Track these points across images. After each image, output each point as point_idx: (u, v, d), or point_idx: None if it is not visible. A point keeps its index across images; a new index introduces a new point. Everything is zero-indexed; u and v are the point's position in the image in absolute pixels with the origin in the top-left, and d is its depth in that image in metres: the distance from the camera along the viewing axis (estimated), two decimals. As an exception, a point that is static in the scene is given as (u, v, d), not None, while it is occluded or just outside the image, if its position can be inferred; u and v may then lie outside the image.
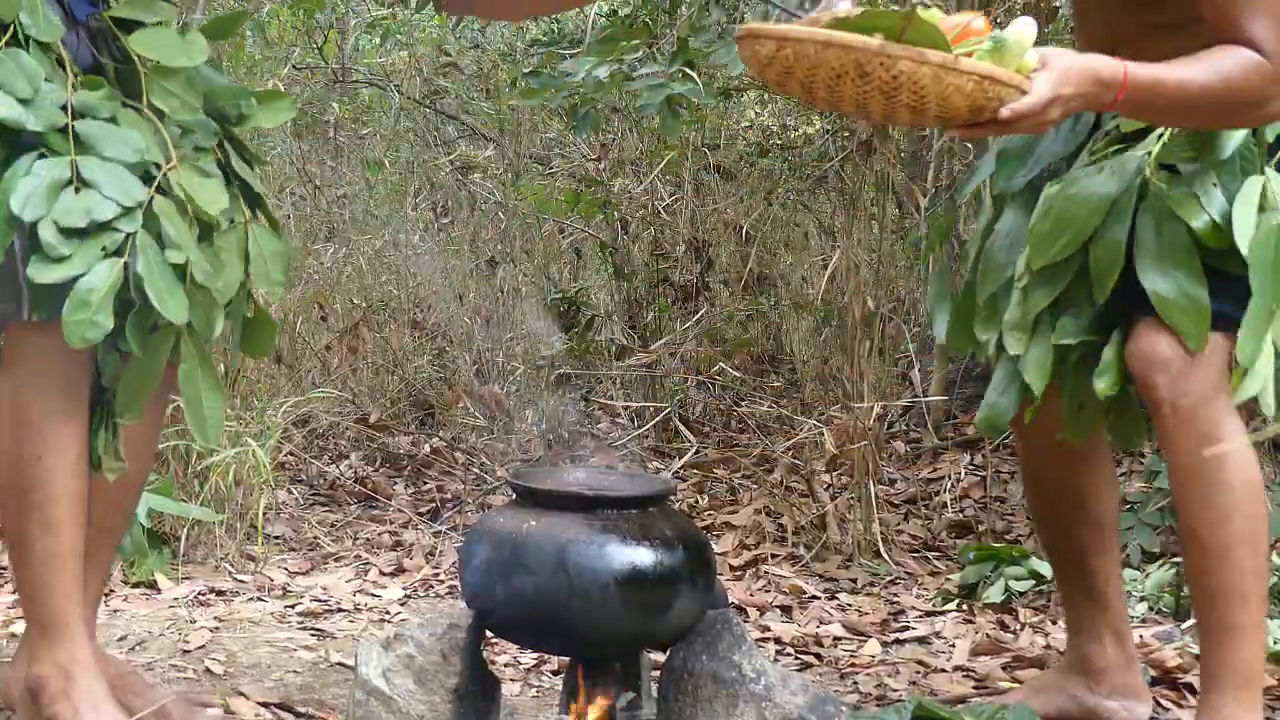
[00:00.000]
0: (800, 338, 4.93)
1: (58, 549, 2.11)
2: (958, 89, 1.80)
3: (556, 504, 2.10)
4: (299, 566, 3.55)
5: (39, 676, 2.14)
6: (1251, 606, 2.13)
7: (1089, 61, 1.93)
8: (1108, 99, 1.95)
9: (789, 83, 1.87)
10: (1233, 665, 2.13)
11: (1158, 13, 2.14)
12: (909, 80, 1.80)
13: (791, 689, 2.14)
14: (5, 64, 1.97)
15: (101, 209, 1.95)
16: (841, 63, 1.80)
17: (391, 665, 2.10)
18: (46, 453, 2.09)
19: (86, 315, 1.93)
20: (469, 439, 4.61)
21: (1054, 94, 1.87)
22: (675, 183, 4.96)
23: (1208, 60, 2.01)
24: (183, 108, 2.10)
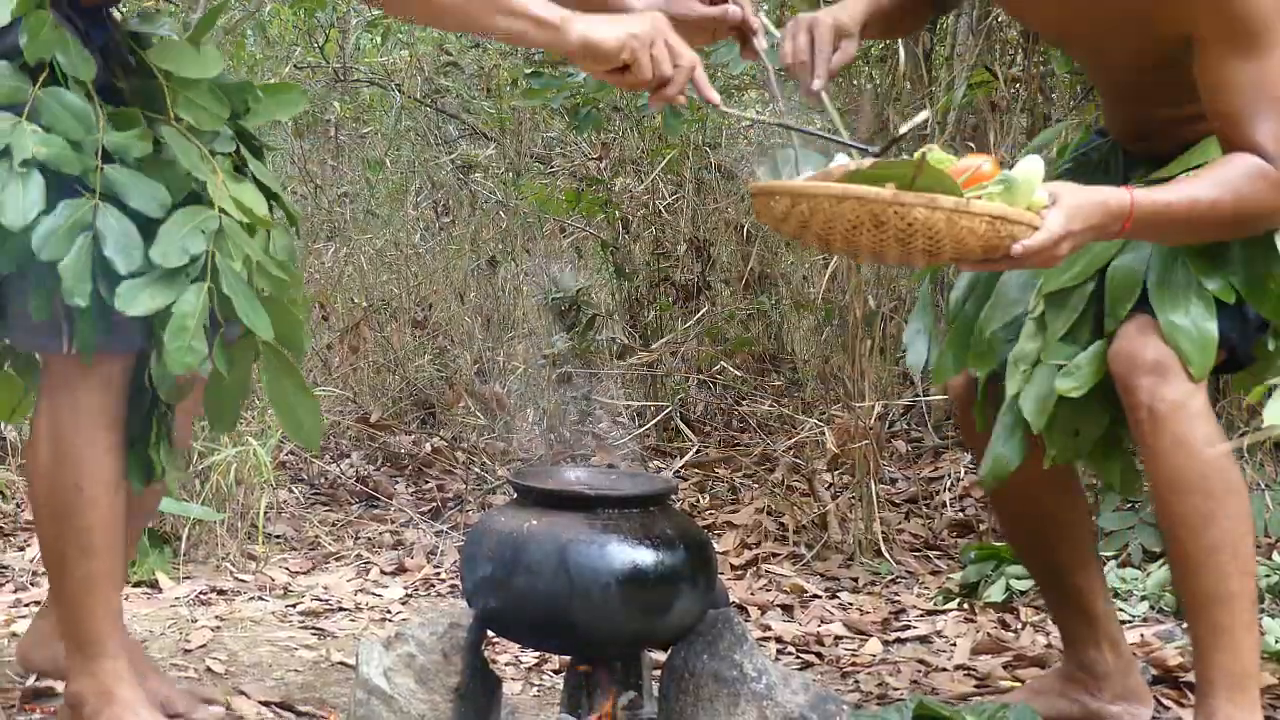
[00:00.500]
0: (801, 337, 4.92)
1: (95, 572, 2.17)
2: (971, 231, 1.84)
3: (557, 503, 2.10)
4: (300, 566, 3.55)
5: (77, 693, 2.21)
6: (1239, 608, 2.13)
7: (1096, 195, 1.96)
8: (1115, 229, 1.98)
9: (805, 235, 1.91)
10: (1225, 667, 2.13)
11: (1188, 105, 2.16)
12: (924, 226, 1.83)
13: (793, 688, 2.14)
14: (49, 105, 2.00)
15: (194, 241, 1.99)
16: (857, 214, 1.84)
17: (392, 664, 2.10)
18: (83, 480, 2.13)
19: (185, 341, 1.97)
20: (470, 438, 4.61)
21: (1065, 230, 1.90)
22: (676, 182, 4.96)
23: (1214, 174, 2.03)
24: (210, 119, 2.13)
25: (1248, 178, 2.02)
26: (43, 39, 2.01)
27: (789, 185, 1.91)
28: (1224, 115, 2.06)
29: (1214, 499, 2.10)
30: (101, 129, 2.02)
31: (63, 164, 1.98)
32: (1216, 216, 2.02)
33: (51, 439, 2.14)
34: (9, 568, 3.41)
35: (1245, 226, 2.08)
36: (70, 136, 1.99)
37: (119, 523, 2.19)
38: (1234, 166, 2.03)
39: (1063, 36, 2.39)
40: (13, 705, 2.49)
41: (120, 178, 2.02)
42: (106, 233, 1.98)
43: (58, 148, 1.98)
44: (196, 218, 2.02)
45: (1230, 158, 2.04)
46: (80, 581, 2.17)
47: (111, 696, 2.19)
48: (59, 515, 2.16)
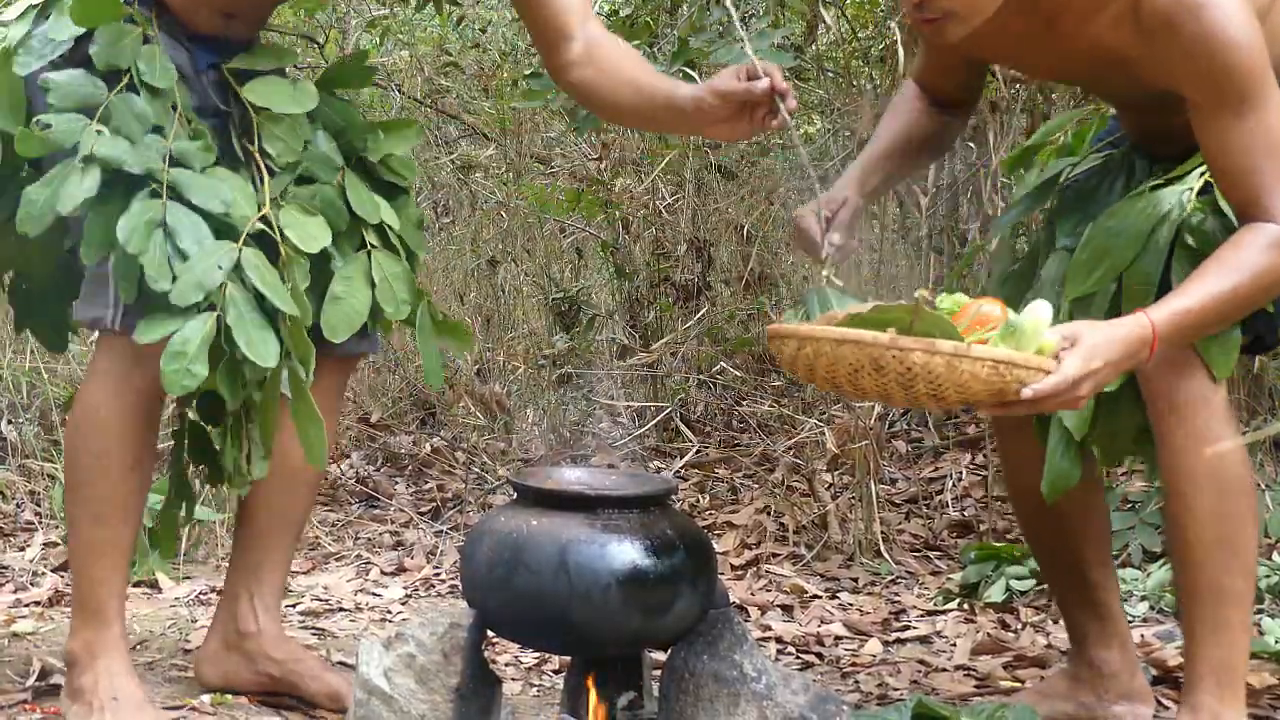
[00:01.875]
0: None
1: (103, 541, 2.32)
2: (973, 375, 1.84)
3: (558, 504, 2.10)
4: (300, 566, 3.55)
5: (71, 651, 2.35)
6: (1236, 606, 2.14)
7: (1116, 330, 1.95)
8: (1143, 356, 1.97)
9: (815, 377, 1.93)
10: (1215, 662, 2.14)
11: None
12: (923, 370, 1.84)
13: (793, 688, 2.14)
14: (119, 109, 2.17)
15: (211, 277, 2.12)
16: (857, 358, 1.86)
17: (393, 664, 2.10)
18: (109, 452, 2.28)
19: (182, 365, 2.10)
20: (470, 438, 4.61)
21: (1081, 372, 1.89)
22: (676, 182, 4.96)
23: (1226, 259, 2.01)
24: (287, 150, 2.32)
25: (1259, 251, 2.00)
26: (118, 48, 2.19)
27: (795, 329, 1.94)
28: (1225, 174, 2.04)
29: (1225, 496, 2.11)
30: (172, 136, 2.19)
31: (123, 163, 2.14)
32: (1242, 300, 2.01)
33: (89, 408, 2.29)
34: (9, 568, 3.41)
35: (1273, 294, 2.06)
36: (133, 138, 2.16)
37: (134, 499, 2.32)
38: (1243, 245, 2.01)
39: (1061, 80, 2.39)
40: (13, 705, 2.50)
41: (183, 178, 2.18)
42: (179, 228, 2.13)
43: (121, 149, 2.14)
44: (216, 254, 2.14)
45: (1237, 237, 2.02)
46: (88, 546, 2.32)
47: (97, 659, 2.31)
48: (79, 481, 2.31)
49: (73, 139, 2.13)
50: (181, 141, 2.20)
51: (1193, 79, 2.03)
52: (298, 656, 2.53)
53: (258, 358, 2.13)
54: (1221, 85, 2.01)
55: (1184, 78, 2.03)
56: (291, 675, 2.50)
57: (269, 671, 2.51)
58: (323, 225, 2.29)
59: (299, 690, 2.50)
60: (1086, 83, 2.26)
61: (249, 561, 2.54)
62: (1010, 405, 1.90)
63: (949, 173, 4.56)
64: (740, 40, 2.27)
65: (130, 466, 2.29)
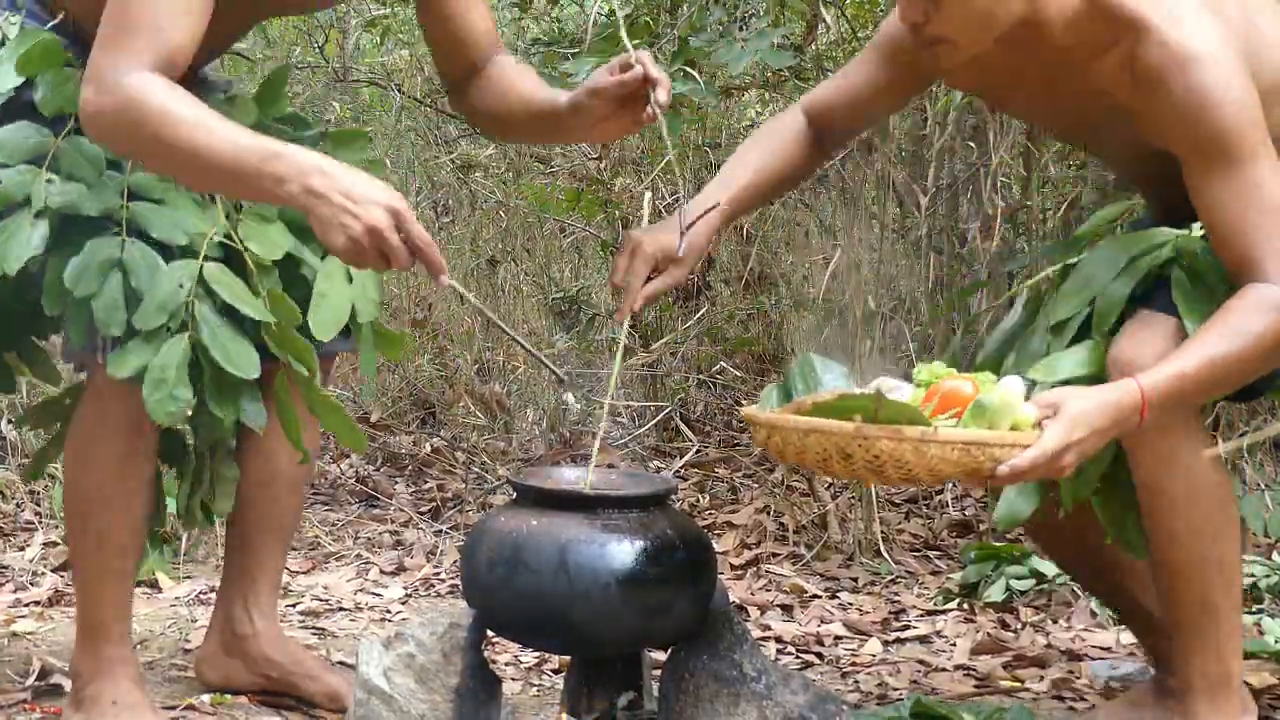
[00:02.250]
0: (801, 337, 4.92)
1: (109, 567, 2.33)
2: (943, 459, 1.83)
3: (557, 503, 2.10)
4: (300, 565, 3.55)
5: (78, 669, 2.37)
6: (1223, 618, 2.13)
7: (1101, 397, 1.91)
8: (1132, 423, 1.93)
9: (798, 461, 1.93)
10: (1207, 671, 2.14)
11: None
12: (891, 457, 1.84)
13: (792, 688, 2.14)
14: (69, 154, 2.16)
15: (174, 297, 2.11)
16: (824, 447, 1.86)
17: (392, 664, 2.10)
18: (108, 483, 2.28)
19: (165, 392, 2.10)
20: (470, 438, 4.61)
21: (1062, 443, 1.86)
22: (676, 182, 4.96)
23: (1224, 323, 1.97)
24: None
25: (1258, 314, 1.96)
26: (63, 91, 2.17)
27: (764, 417, 1.94)
28: (1217, 232, 2.02)
29: (1203, 514, 2.09)
30: (128, 169, 2.16)
31: (80, 208, 2.12)
32: (1240, 365, 1.96)
33: (84, 441, 2.29)
34: (9, 568, 3.41)
35: (1272, 361, 2.02)
36: (87, 181, 2.14)
37: (138, 524, 2.33)
38: (1241, 308, 1.97)
39: (1066, 136, 2.36)
40: (13, 705, 2.50)
41: (143, 211, 2.16)
42: (133, 265, 2.12)
43: (74, 195, 2.13)
44: (177, 274, 2.13)
45: (1234, 300, 1.98)
46: (94, 573, 2.33)
47: (101, 673, 2.33)
48: (84, 513, 2.31)
49: (24, 191, 2.10)
50: (138, 174, 2.17)
51: (1182, 136, 2.02)
52: (296, 657, 2.53)
53: (238, 370, 2.13)
54: (1210, 143, 1.99)
55: (1174, 135, 2.03)
56: (290, 676, 2.51)
57: (267, 673, 2.52)
58: (283, 231, 2.27)
59: (298, 690, 2.51)
60: (1088, 137, 2.23)
61: (242, 564, 2.54)
62: (990, 481, 1.88)
63: (949, 172, 4.56)
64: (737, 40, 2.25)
65: (132, 494, 2.30)
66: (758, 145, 2.40)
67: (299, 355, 2.20)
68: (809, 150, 2.41)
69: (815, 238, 5.32)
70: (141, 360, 2.09)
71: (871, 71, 2.36)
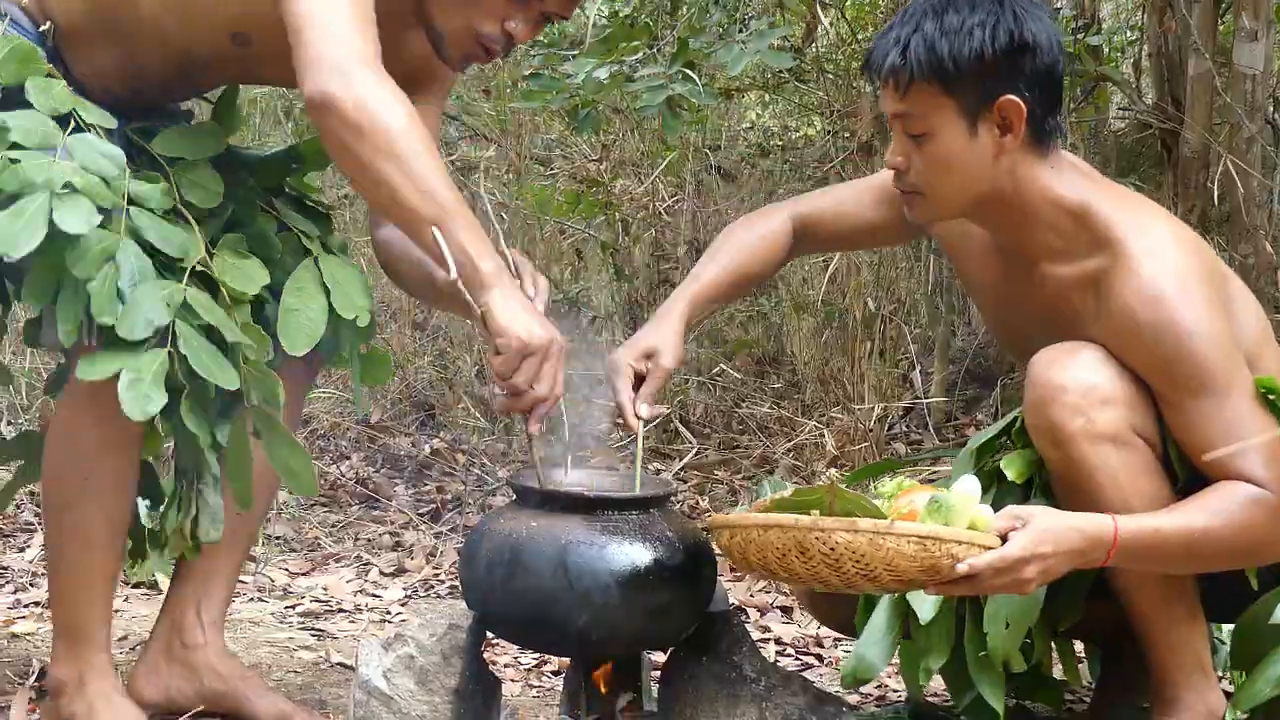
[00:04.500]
0: (801, 339, 4.93)
1: (90, 566, 2.24)
2: (899, 552, 1.83)
3: (557, 505, 2.10)
4: (300, 567, 3.56)
5: (57, 679, 2.27)
6: (1187, 620, 2.13)
7: (1073, 519, 1.91)
8: (1098, 556, 1.92)
9: (760, 565, 1.92)
10: (1181, 666, 2.14)
11: None
12: (847, 550, 1.83)
13: (792, 689, 2.14)
14: (80, 148, 2.10)
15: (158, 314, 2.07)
16: (783, 542, 1.86)
17: (392, 665, 2.10)
18: (93, 476, 2.21)
19: (140, 390, 2.03)
20: (470, 440, 4.61)
21: (1027, 553, 1.86)
22: (676, 183, 4.97)
23: (1207, 501, 1.97)
24: (209, 196, 2.26)
25: (1242, 505, 1.96)
26: (54, 95, 2.13)
27: (725, 519, 1.95)
28: (1195, 449, 2.01)
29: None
30: (127, 178, 2.13)
31: (97, 196, 2.07)
32: (1213, 545, 1.96)
33: (68, 432, 2.22)
34: (9, 568, 3.41)
35: (1243, 557, 2.02)
36: (104, 174, 2.09)
37: (121, 522, 2.25)
38: (1227, 494, 1.97)
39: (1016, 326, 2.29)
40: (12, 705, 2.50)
41: (143, 219, 2.12)
42: (125, 266, 2.07)
43: (94, 181, 2.07)
44: (162, 291, 2.09)
45: (1221, 485, 1.99)
46: (76, 573, 2.24)
47: (87, 685, 2.25)
48: (64, 506, 2.23)
49: (43, 174, 2.04)
50: (137, 183, 2.15)
51: (1150, 366, 2.02)
52: (243, 674, 2.44)
53: (219, 380, 2.08)
54: (1177, 373, 2.00)
55: (1141, 364, 2.03)
56: (237, 692, 2.40)
57: (214, 686, 2.41)
58: (259, 267, 2.24)
59: (242, 709, 2.40)
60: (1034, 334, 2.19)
61: (199, 570, 2.44)
62: (951, 585, 1.87)
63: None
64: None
65: (118, 488, 2.23)
66: (737, 242, 2.39)
67: (267, 390, 2.15)
68: (784, 256, 2.43)
69: (815, 239, 5.33)
70: (114, 366, 2.04)
71: (865, 208, 2.38)
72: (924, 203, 2.10)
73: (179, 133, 2.31)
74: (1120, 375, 2.03)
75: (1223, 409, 2.00)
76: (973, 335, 4.76)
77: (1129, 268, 2.03)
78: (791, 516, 1.86)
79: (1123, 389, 2.03)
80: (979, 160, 2.05)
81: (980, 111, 2.03)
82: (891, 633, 2.18)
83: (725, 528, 1.94)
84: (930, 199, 2.09)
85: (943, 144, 2.04)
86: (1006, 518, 1.90)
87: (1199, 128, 4.12)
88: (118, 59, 2.26)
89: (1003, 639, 2.12)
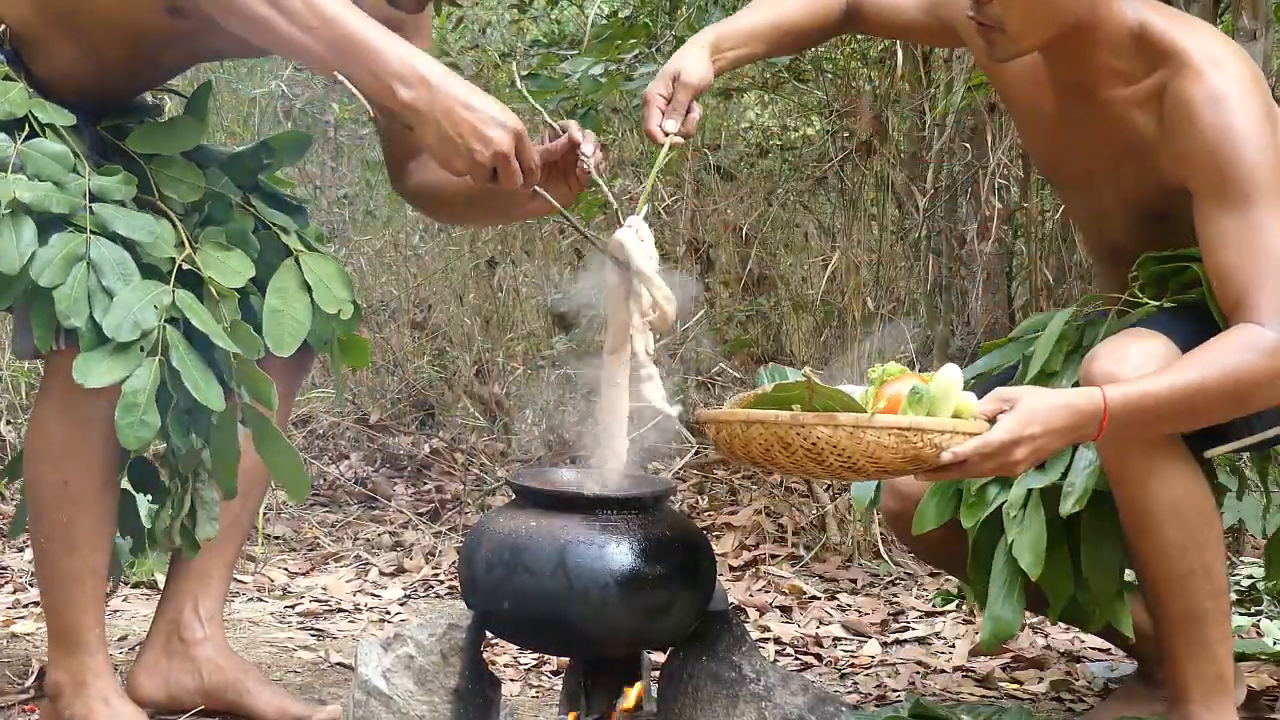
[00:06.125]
0: (800, 338, 4.93)
1: (79, 568, 2.23)
2: (880, 445, 1.82)
3: (557, 505, 2.10)
4: (299, 567, 3.56)
5: (55, 682, 2.27)
6: (1213, 624, 2.13)
7: (1062, 397, 1.90)
8: (1090, 431, 1.90)
9: (746, 457, 1.93)
10: (1201, 675, 2.13)
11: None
12: (828, 444, 1.83)
13: (791, 689, 2.14)
14: (32, 155, 2.10)
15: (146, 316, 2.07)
16: (765, 437, 1.87)
17: (391, 665, 2.10)
18: (73, 479, 2.20)
19: (136, 416, 2.05)
20: (469, 439, 4.61)
21: (1014, 436, 1.84)
22: (675, 183, 4.96)
23: (1200, 354, 1.96)
24: (190, 190, 2.26)
25: (1236, 350, 1.95)
26: (9, 99, 2.13)
27: (713, 414, 1.96)
28: (1217, 271, 2.02)
29: (1189, 528, 2.08)
30: (88, 174, 2.13)
31: (50, 205, 2.07)
32: (1208, 395, 1.94)
33: (45, 434, 2.21)
34: (9, 568, 3.41)
35: (1244, 401, 1.99)
36: (56, 180, 2.10)
37: (105, 521, 2.25)
38: (1223, 343, 1.97)
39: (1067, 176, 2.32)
40: (12, 705, 2.50)
41: (107, 212, 2.12)
42: (103, 263, 2.08)
43: (43, 191, 2.08)
44: (150, 292, 2.09)
45: (1220, 336, 1.99)
46: (63, 575, 2.24)
47: (86, 686, 2.25)
48: (46, 509, 2.22)
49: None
50: (98, 178, 2.14)
51: (1203, 167, 2.02)
52: (244, 668, 2.45)
53: (207, 402, 2.08)
54: (1228, 177, 2.00)
55: (1193, 167, 2.03)
56: (238, 685, 2.40)
57: (214, 680, 2.41)
58: (243, 258, 2.24)
59: (243, 703, 2.41)
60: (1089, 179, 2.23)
61: (194, 567, 2.44)
62: (939, 472, 1.86)
63: (948, 174, 4.57)
64: None
65: (98, 488, 2.22)
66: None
67: (258, 391, 2.15)
68: (832, 24, 2.42)
69: (814, 239, 5.33)
70: (111, 374, 2.04)
71: (914, 17, 2.39)
72: (1004, 38, 2.08)
73: (153, 128, 2.30)
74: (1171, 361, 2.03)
75: (1255, 224, 1.99)
76: (971, 335, 4.75)
77: (1193, 72, 2.04)
78: (772, 413, 1.85)
79: None
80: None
81: None
82: (1014, 586, 2.17)
83: (712, 422, 1.95)
84: (1014, 32, 2.07)
85: None
86: (993, 400, 1.88)
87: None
88: (76, 53, 2.24)
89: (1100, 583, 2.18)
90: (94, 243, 2.08)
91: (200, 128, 2.33)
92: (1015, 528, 2.16)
